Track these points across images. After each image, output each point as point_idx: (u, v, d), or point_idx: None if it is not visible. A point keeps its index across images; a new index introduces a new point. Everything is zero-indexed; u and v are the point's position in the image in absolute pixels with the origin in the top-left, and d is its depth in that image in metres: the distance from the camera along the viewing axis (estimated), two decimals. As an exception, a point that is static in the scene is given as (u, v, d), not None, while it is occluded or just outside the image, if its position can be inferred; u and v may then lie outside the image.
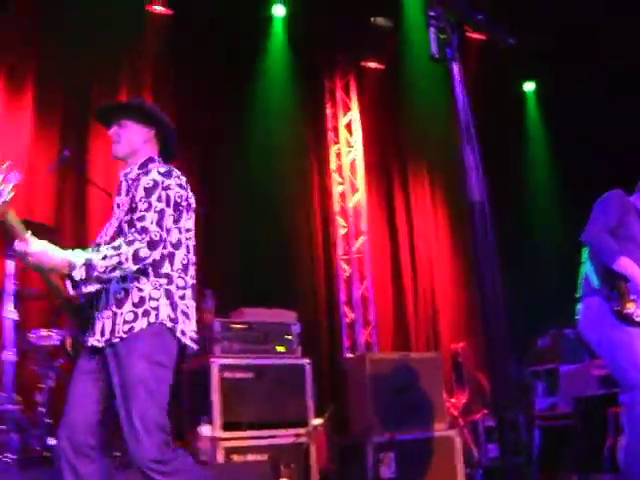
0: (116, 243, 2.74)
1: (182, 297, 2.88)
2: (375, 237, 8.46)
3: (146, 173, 2.91)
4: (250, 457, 4.91)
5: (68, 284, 2.80)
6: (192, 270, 2.97)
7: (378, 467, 5.15)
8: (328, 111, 8.63)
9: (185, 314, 2.88)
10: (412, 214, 8.70)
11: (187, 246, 2.94)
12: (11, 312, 4.35)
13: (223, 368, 5.05)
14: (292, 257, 7.75)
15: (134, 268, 2.73)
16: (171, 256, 2.86)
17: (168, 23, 7.33)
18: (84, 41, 6.57)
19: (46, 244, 2.70)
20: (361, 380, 5.59)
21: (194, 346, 2.94)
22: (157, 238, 2.76)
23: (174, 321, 2.82)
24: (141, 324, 2.78)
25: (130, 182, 2.98)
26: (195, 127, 7.11)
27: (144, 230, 2.75)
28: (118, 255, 2.69)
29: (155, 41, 7.20)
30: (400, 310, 8.28)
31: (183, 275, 2.90)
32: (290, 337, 5.48)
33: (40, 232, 2.80)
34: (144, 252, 2.72)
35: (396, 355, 6.01)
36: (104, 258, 2.68)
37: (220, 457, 4.79)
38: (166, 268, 2.85)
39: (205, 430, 4.84)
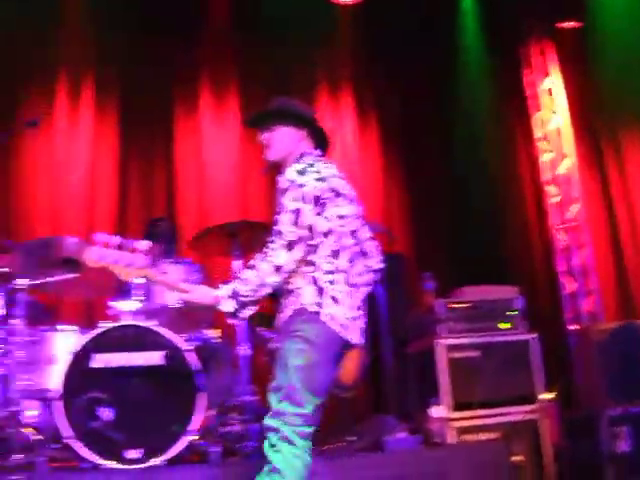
0: (251, 262, 2.84)
1: (331, 282, 2.87)
2: (588, 204, 8.15)
3: (283, 173, 2.95)
4: (481, 436, 4.96)
5: (226, 315, 2.94)
6: (347, 255, 2.94)
7: (613, 441, 5.03)
8: (527, 78, 8.45)
9: (334, 299, 2.85)
10: (627, 179, 8.23)
11: (340, 233, 2.92)
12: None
13: (450, 349, 5.11)
14: (506, 230, 7.71)
15: (279, 278, 2.82)
16: (319, 245, 2.87)
17: (356, 13, 7.54)
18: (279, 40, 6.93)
19: (192, 287, 2.88)
20: (588, 352, 5.48)
21: (343, 334, 2.86)
22: (294, 238, 2.81)
23: (319, 306, 2.83)
24: (290, 310, 2.88)
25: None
26: (397, 107, 7.27)
27: (278, 233, 2.82)
28: (257, 276, 2.80)
29: (348, 33, 7.46)
30: (622, 278, 7.91)
31: (332, 260, 2.88)
32: (514, 312, 5.44)
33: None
34: (282, 260, 2.79)
35: (622, 324, 5.77)
36: (246, 283, 2.80)
37: (451, 438, 4.88)
38: (311, 257, 2.87)
39: (435, 411, 4.92)
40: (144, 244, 2.80)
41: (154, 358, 4.11)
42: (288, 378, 2.76)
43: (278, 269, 2.79)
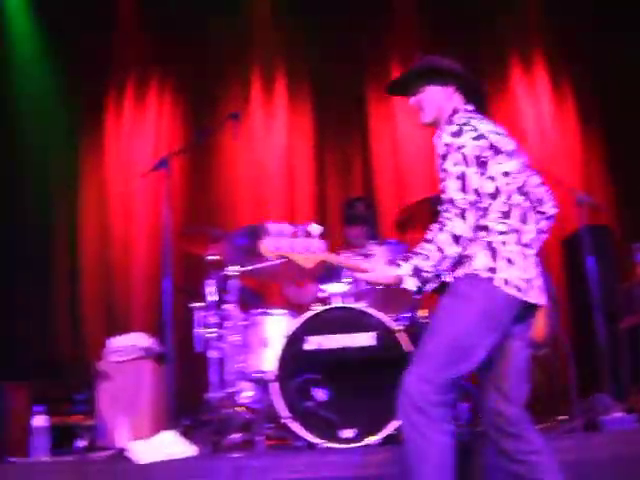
0: (429, 236, 2.72)
1: (504, 243, 2.73)
2: None
3: (440, 136, 2.82)
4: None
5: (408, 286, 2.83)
6: (518, 213, 2.79)
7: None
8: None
9: (509, 260, 2.71)
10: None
11: (507, 191, 2.77)
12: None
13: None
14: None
15: (459, 249, 2.68)
16: (487, 207, 2.74)
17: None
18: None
19: (372, 267, 2.81)
20: None
21: (520, 295, 2.69)
22: (465, 205, 2.67)
23: (492, 271, 2.69)
24: (459, 273, 2.75)
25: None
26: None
27: (450, 202, 2.69)
28: (437, 249, 2.67)
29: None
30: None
31: (504, 220, 2.74)
32: None
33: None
34: (459, 229, 2.66)
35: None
36: (427, 258, 2.68)
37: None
38: (482, 221, 2.74)
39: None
40: (316, 228, 2.78)
41: (365, 339, 4.15)
42: (437, 340, 2.67)
43: (457, 239, 2.66)
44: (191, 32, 6.94)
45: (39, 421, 4.84)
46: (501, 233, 2.73)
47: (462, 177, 2.69)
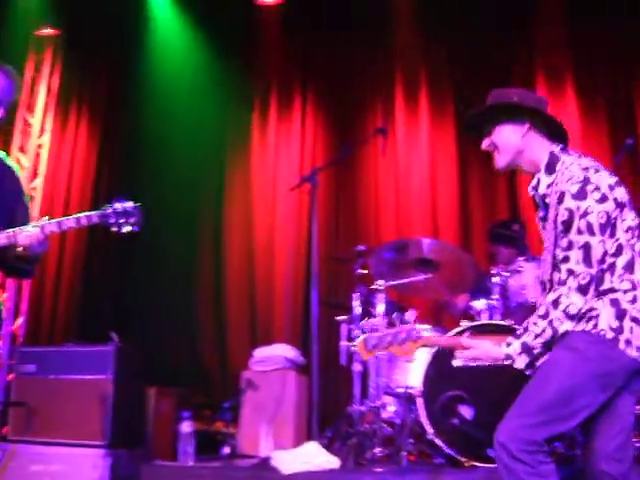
0: (541, 311, 2.55)
1: (632, 300, 2.51)
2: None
3: (560, 201, 2.55)
4: None
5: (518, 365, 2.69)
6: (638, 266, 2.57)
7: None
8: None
9: (635, 320, 2.49)
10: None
11: (630, 246, 2.57)
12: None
13: None
14: None
15: (573, 324, 2.52)
16: (611, 267, 2.53)
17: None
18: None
19: (483, 344, 2.65)
20: None
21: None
22: (586, 280, 2.49)
23: (617, 331, 2.49)
24: (575, 327, 2.55)
25: (543, 196, 2.72)
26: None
27: (571, 273, 2.51)
28: (549, 325, 2.51)
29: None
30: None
31: (628, 277, 2.53)
32: None
33: None
34: (574, 307, 2.49)
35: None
36: (537, 336, 2.53)
37: None
38: (606, 283, 2.54)
39: None
40: (411, 314, 2.82)
41: (512, 357, 4.07)
42: (543, 395, 2.51)
43: (571, 317, 2.50)
44: (335, 49, 7.09)
45: (186, 427, 5.05)
46: (626, 291, 2.53)
47: (586, 247, 2.50)
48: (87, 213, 3.12)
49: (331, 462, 4.20)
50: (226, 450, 5.38)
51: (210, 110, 7.20)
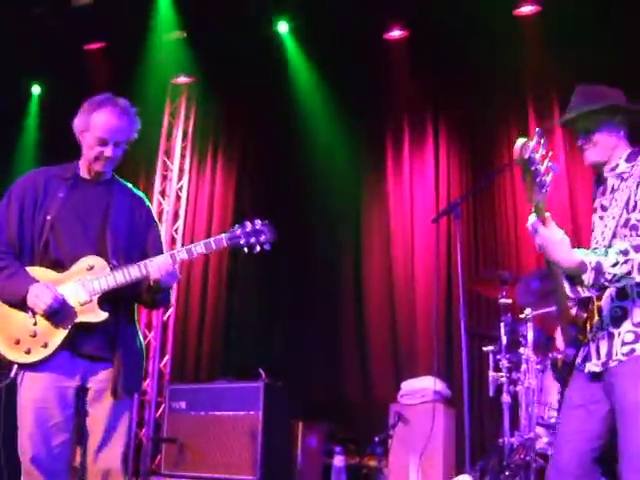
0: (622, 246, 2.50)
1: None
2: None
3: None
4: None
5: (566, 283, 2.67)
6: None
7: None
8: None
9: None
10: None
11: None
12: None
13: None
14: None
15: (639, 279, 2.49)
16: None
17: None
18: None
19: (564, 237, 2.48)
20: None
21: None
22: None
23: None
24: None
25: (619, 178, 2.80)
26: None
27: None
28: (627, 262, 2.46)
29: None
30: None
31: None
32: None
33: None
34: None
35: None
36: (614, 265, 2.46)
37: None
38: None
39: None
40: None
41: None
42: None
43: None
44: (463, 79, 7.15)
45: (338, 461, 5.24)
46: None
47: None
48: (216, 237, 3.10)
49: (483, 495, 4.26)
50: (379, 485, 5.52)
51: (344, 149, 7.46)
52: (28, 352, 2.94)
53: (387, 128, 7.62)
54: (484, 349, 5.19)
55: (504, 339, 5.03)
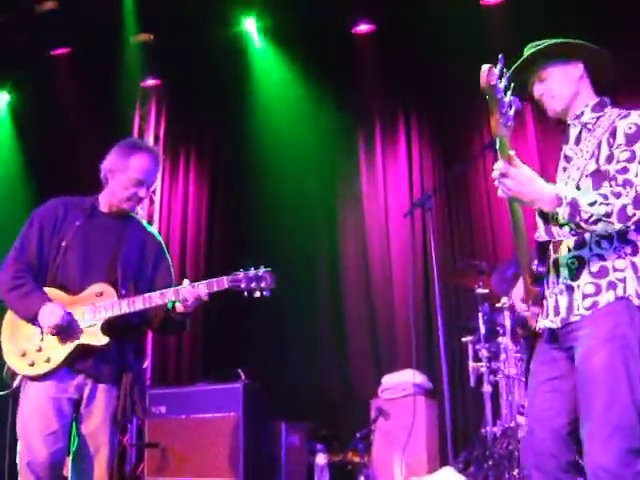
0: (602, 191, 2.40)
1: None
2: None
3: (624, 116, 2.55)
4: None
5: (540, 222, 2.62)
6: None
7: None
8: None
9: None
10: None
11: None
12: None
13: None
14: None
15: (617, 227, 2.37)
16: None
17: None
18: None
19: (534, 174, 2.39)
20: None
21: None
22: None
23: None
24: (607, 298, 2.44)
25: (584, 128, 2.68)
26: None
27: (627, 183, 2.40)
28: (606, 204, 2.34)
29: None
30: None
31: None
32: None
33: None
34: (630, 209, 2.34)
35: None
36: (592, 204, 2.35)
37: None
38: (631, 234, 2.47)
39: None
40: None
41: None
42: (620, 407, 2.36)
43: (623, 217, 2.35)
44: (434, 71, 7.13)
45: (321, 459, 5.20)
46: None
47: None
48: (218, 278, 3.21)
49: (467, 486, 4.25)
50: (361, 480, 5.48)
51: (316, 147, 7.43)
52: (32, 365, 3.15)
53: (358, 124, 7.60)
54: (463, 340, 5.19)
55: (482, 329, 5.04)
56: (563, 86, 2.69)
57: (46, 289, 3.22)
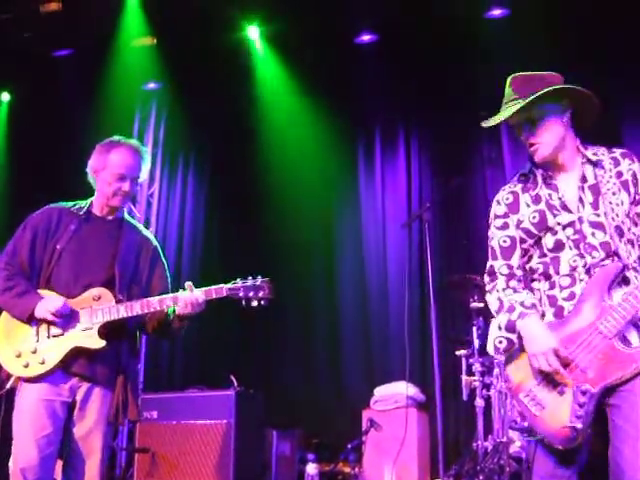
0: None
1: None
2: None
3: (628, 157, 2.66)
4: None
5: None
6: None
7: None
8: None
9: None
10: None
11: None
12: None
13: None
14: None
15: None
16: None
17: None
18: None
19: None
20: None
21: None
22: None
23: None
24: None
25: (599, 166, 2.66)
26: None
27: None
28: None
29: None
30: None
31: None
32: None
33: None
34: None
35: None
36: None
37: None
38: None
39: None
40: None
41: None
42: None
43: None
44: (435, 82, 7.14)
45: (312, 469, 5.19)
46: None
47: None
48: (217, 286, 3.23)
49: (458, 499, 4.25)
50: (353, 491, 5.48)
51: (316, 154, 7.43)
52: (26, 366, 3.14)
53: (359, 133, 7.62)
54: (457, 353, 5.20)
55: (476, 343, 5.04)
56: (554, 135, 2.64)
57: (42, 291, 3.22)
